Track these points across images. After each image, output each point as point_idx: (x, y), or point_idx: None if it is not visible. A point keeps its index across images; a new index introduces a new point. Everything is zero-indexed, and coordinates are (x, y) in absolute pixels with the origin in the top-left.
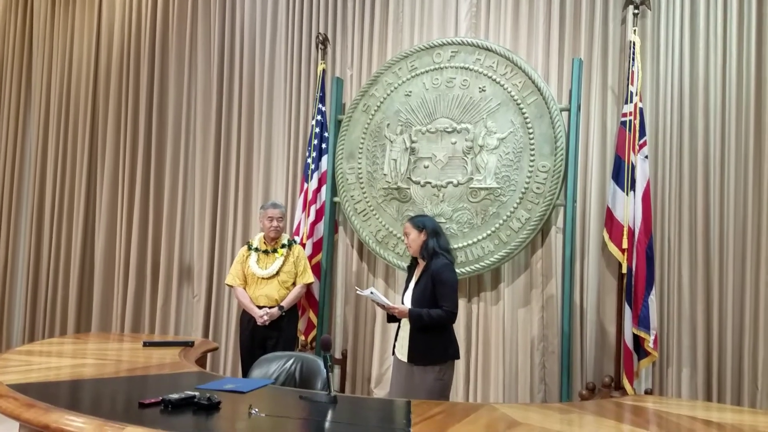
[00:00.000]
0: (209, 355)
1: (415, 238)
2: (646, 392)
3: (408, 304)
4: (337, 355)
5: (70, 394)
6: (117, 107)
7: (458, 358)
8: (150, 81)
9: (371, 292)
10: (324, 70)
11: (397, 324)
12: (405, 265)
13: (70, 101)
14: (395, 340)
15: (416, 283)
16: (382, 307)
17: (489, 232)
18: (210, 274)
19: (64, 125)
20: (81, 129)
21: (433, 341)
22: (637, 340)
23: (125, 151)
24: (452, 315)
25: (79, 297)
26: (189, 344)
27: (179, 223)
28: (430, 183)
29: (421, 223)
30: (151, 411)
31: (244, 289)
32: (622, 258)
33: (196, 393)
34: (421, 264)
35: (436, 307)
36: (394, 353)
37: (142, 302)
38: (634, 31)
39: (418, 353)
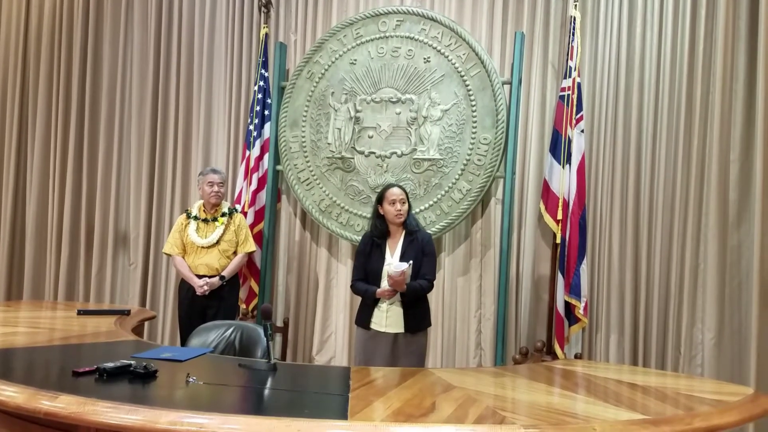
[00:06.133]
0: (146, 324)
1: (407, 209)
2: (576, 357)
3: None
4: (279, 324)
5: (1, 363)
6: (49, 67)
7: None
8: (84, 41)
9: (409, 265)
10: (267, 35)
11: (369, 298)
12: (349, 234)
13: None
14: (370, 315)
15: (402, 255)
16: (392, 289)
17: (431, 202)
18: (147, 241)
19: None
20: (11, 89)
21: (422, 310)
22: (569, 307)
23: (57, 113)
24: (433, 285)
25: (10, 263)
26: (125, 313)
27: (114, 188)
28: (374, 153)
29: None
30: (86, 380)
31: (183, 258)
32: (557, 228)
33: (132, 361)
34: (398, 235)
35: (418, 277)
36: (369, 327)
37: (75, 269)
38: (575, 5)
39: (414, 323)
